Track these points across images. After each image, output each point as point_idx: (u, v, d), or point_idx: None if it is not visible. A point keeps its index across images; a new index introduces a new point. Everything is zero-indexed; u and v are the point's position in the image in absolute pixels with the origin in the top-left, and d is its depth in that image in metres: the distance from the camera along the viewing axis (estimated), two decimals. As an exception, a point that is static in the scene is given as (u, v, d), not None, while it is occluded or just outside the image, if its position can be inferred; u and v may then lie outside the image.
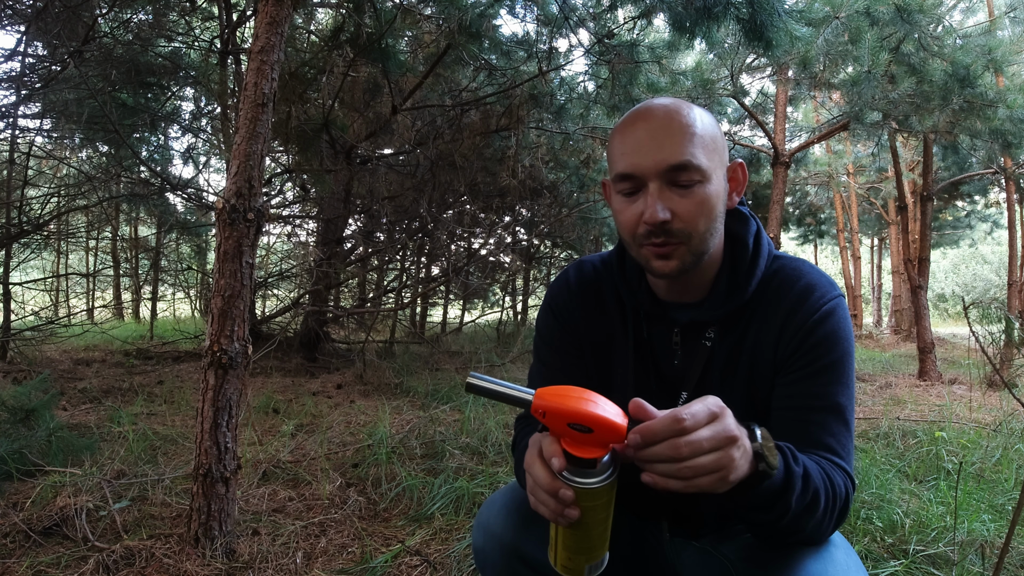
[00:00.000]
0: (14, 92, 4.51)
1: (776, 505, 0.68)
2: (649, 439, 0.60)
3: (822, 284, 0.84)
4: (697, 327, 0.89)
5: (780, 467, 0.67)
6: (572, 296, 0.97)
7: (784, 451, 0.69)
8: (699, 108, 0.82)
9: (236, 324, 1.63)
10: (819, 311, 0.81)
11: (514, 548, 0.88)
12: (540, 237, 7.75)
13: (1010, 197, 7.22)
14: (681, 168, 0.77)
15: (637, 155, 0.78)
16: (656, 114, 0.79)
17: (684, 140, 0.77)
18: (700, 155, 0.77)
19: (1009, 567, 1.59)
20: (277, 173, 5.29)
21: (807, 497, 0.69)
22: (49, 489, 1.94)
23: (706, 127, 0.79)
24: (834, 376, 0.80)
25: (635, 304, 0.92)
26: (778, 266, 0.87)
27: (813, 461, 0.74)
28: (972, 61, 4.40)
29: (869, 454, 2.59)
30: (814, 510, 0.70)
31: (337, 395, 4.02)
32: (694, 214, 0.78)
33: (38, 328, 5.06)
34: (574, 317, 0.97)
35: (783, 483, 0.67)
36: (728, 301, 0.86)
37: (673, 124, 0.78)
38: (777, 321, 0.83)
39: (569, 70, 6.40)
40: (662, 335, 0.92)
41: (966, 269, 27.81)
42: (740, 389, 0.86)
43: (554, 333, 0.98)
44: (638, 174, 0.79)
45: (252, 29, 3.30)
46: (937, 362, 5.57)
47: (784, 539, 0.74)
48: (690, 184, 0.78)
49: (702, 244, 0.81)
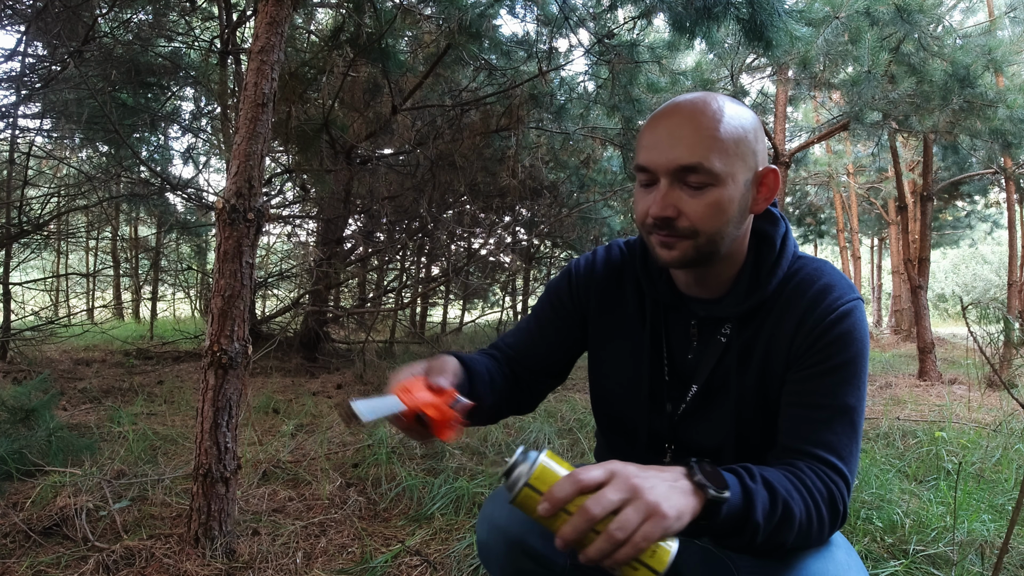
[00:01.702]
0: (14, 92, 4.51)
1: (744, 527, 0.68)
2: (555, 504, 0.62)
3: (841, 286, 0.84)
4: (714, 322, 0.89)
5: (735, 488, 0.67)
6: (595, 275, 0.99)
7: (738, 472, 0.70)
8: (737, 108, 0.80)
9: (236, 324, 1.63)
10: (836, 311, 0.81)
11: (519, 541, 0.88)
12: (540, 237, 7.74)
13: (1010, 197, 7.22)
14: (691, 170, 0.77)
15: (654, 151, 0.79)
16: (680, 112, 0.80)
17: (699, 142, 0.77)
18: (715, 159, 0.77)
19: (1008, 567, 1.59)
20: (277, 173, 5.29)
21: (777, 509, 0.69)
22: (49, 489, 1.94)
23: (732, 131, 0.78)
24: (844, 376, 0.80)
25: (654, 295, 0.93)
26: (799, 266, 0.87)
27: (780, 471, 0.73)
28: (972, 61, 4.40)
29: (869, 454, 2.59)
30: (790, 521, 0.70)
31: (337, 395, 4.02)
32: (701, 215, 0.78)
33: (38, 328, 5.06)
34: (588, 295, 0.98)
35: (743, 503, 0.67)
36: (747, 299, 0.86)
37: (692, 125, 0.78)
38: (793, 319, 0.83)
39: (569, 70, 6.41)
40: (679, 327, 0.92)
41: (966, 269, 27.81)
42: (752, 385, 0.86)
43: (562, 299, 1.00)
44: (651, 169, 0.80)
45: (252, 29, 3.30)
46: (937, 362, 5.57)
47: (772, 554, 0.74)
48: (701, 186, 0.78)
49: (709, 244, 0.81)
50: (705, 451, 0.90)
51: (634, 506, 0.60)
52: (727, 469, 0.70)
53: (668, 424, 0.93)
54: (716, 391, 0.89)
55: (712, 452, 0.90)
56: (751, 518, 0.67)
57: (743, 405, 0.87)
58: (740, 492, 0.67)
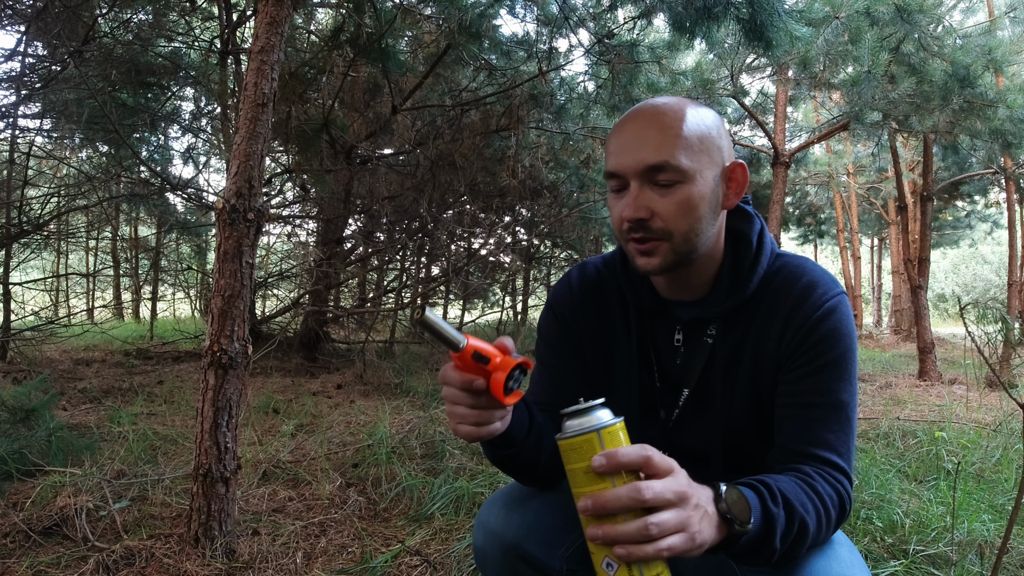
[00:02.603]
0: (14, 92, 4.51)
1: (761, 550, 0.68)
2: (614, 465, 0.60)
3: (824, 282, 0.84)
4: (699, 324, 0.90)
5: (757, 517, 0.66)
6: (574, 297, 0.98)
7: (762, 494, 0.68)
8: (697, 108, 0.82)
9: (236, 324, 1.63)
10: (821, 308, 0.82)
11: (515, 547, 0.88)
12: (540, 237, 7.75)
13: (1010, 197, 7.22)
14: (659, 168, 0.78)
15: (621, 155, 0.81)
16: (643, 115, 0.81)
17: (664, 141, 0.78)
18: (681, 156, 0.78)
19: (1008, 567, 1.60)
20: (277, 173, 5.29)
21: (793, 529, 0.69)
22: (49, 489, 1.94)
23: (695, 128, 0.80)
24: (836, 373, 0.80)
25: (637, 302, 0.93)
26: (780, 264, 0.87)
27: (796, 483, 0.73)
28: (972, 61, 4.40)
29: (869, 454, 2.59)
30: (804, 537, 0.70)
31: (337, 395, 4.02)
32: (673, 213, 0.79)
33: (38, 328, 5.06)
34: (576, 318, 0.97)
35: (763, 531, 0.67)
36: (729, 298, 0.86)
37: (656, 125, 0.79)
38: (780, 318, 0.84)
39: (569, 70, 6.41)
40: (664, 333, 0.92)
41: (966, 269, 27.82)
42: (743, 386, 0.86)
43: (556, 334, 0.98)
44: (621, 173, 0.81)
45: (252, 29, 3.30)
46: (937, 362, 5.57)
47: (781, 564, 0.74)
48: (670, 184, 0.79)
49: (685, 244, 0.81)
50: (699, 454, 0.90)
51: (677, 514, 0.59)
52: (750, 486, 0.69)
53: (663, 431, 0.93)
54: (707, 394, 0.89)
55: (705, 455, 0.90)
56: (769, 543, 0.67)
57: (735, 406, 0.87)
58: (761, 520, 0.67)
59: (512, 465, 0.87)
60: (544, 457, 0.88)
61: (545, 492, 0.95)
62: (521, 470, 0.89)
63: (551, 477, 0.91)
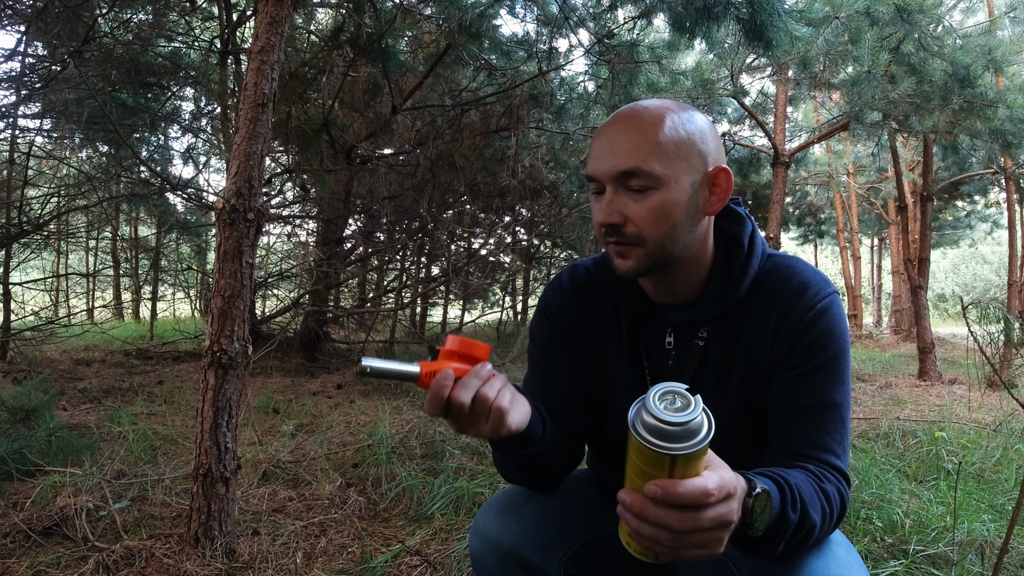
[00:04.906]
0: (14, 92, 4.51)
1: (761, 547, 0.68)
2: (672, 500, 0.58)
3: (816, 282, 0.84)
4: (690, 327, 0.89)
5: (773, 518, 0.66)
6: (565, 299, 0.97)
7: (785, 496, 0.68)
8: (681, 113, 0.81)
9: (236, 324, 1.63)
10: (813, 309, 0.81)
11: (511, 553, 0.88)
12: (540, 237, 7.75)
13: (1010, 197, 7.22)
14: (630, 174, 0.78)
15: (598, 160, 0.81)
16: (621, 120, 0.81)
17: (636, 147, 0.78)
18: (653, 162, 0.78)
19: (1008, 567, 1.59)
20: (277, 173, 5.29)
21: (801, 532, 0.69)
22: (49, 489, 1.94)
23: (672, 134, 0.78)
24: (829, 374, 0.80)
25: (628, 305, 0.92)
26: (772, 264, 0.87)
27: (810, 483, 0.73)
28: (972, 61, 4.40)
29: (869, 454, 2.59)
30: (809, 538, 0.71)
31: (337, 395, 4.02)
32: (646, 219, 0.79)
33: (38, 328, 5.06)
34: (568, 320, 0.96)
35: (772, 533, 0.67)
36: (720, 302, 0.86)
37: (632, 130, 0.79)
38: (772, 320, 0.83)
39: (569, 70, 6.40)
40: (656, 336, 0.92)
41: (966, 269, 27.81)
42: (736, 388, 0.86)
43: (547, 337, 0.97)
44: (597, 177, 0.82)
45: (252, 29, 3.30)
46: (937, 362, 5.57)
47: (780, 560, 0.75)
48: (643, 189, 0.79)
49: (659, 250, 0.81)
50: None
51: (716, 514, 0.59)
52: (775, 483, 0.68)
53: None
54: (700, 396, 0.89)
55: None
56: (774, 545, 0.68)
57: (728, 408, 0.87)
58: (777, 524, 0.67)
59: (533, 467, 0.87)
60: (564, 456, 0.91)
61: (541, 497, 0.95)
62: (541, 472, 0.90)
63: (565, 476, 0.94)
